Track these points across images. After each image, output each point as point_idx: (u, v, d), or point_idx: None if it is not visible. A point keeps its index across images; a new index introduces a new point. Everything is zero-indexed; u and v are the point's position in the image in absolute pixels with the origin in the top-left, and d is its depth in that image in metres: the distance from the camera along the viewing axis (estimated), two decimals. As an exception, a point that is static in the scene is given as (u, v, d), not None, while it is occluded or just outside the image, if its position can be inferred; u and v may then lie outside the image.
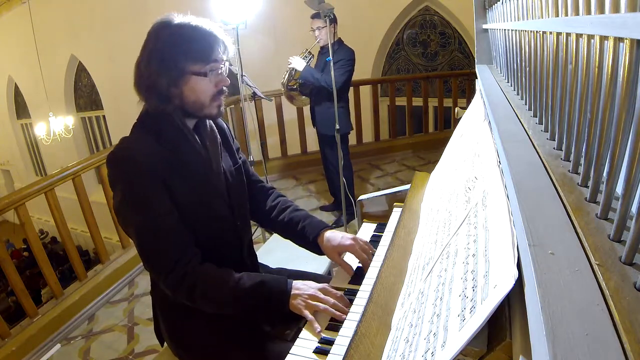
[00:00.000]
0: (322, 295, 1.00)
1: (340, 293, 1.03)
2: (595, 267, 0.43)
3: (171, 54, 0.95)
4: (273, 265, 1.39)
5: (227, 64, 1.03)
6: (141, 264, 1.15)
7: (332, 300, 0.99)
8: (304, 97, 3.12)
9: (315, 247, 1.19)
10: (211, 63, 0.98)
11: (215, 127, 1.13)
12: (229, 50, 1.02)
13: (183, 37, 0.96)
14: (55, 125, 6.58)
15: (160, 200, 0.97)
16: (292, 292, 1.00)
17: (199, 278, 0.99)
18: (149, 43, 0.98)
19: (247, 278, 1.02)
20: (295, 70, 2.91)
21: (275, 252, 1.83)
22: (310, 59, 2.98)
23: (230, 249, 1.15)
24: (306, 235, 1.19)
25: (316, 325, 0.94)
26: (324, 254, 1.19)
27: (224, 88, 1.04)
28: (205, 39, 0.98)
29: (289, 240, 1.26)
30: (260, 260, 1.34)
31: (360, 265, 1.16)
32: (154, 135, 1.00)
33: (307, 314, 0.97)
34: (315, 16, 2.77)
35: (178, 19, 0.99)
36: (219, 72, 1.01)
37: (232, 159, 1.17)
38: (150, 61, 0.96)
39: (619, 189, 0.45)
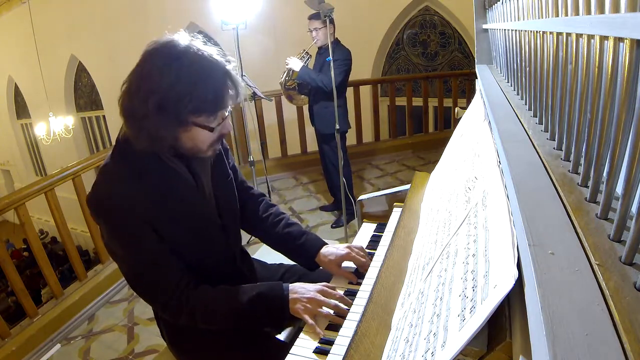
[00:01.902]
0: (321, 298, 0.99)
1: (340, 293, 1.03)
2: (595, 267, 0.43)
3: (175, 103, 0.82)
4: (271, 262, 1.38)
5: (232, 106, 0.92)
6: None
7: (333, 301, 0.99)
8: (302, 96, 3.14)
9: (311, 264, 1.18)
10: (219, 112, 0.88)
11: None
12: (241, 91, 0.91)
13: (191, 85, 0.82)
14: (55, 125, 6.58)
15: (145, 239, 0.92)
16: (290, 297, 0.99)
17: (196, 306, 0.98)
18: (149, 79, 0.82)
19: (243, 292, 1.01)
20: (293, 70, 2.93)
21: (275, 252, 1.83)
22: (308, 59, 2.99)
23: (224, 262, 1.12)
24: (305, 252, 1.18)
25: (318, 330, 0.94)
26: (315, 269, 1.19)
27: (224, 133, 0.94)
28: (219, 85, 0.85)
29: None
30: (260, 259, 1.34)
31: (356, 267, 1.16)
32: (134, 170, 0.90)
33: (307, 318, 0.96)
34: (312, 17, 2.78)
35: (183, 46, 0.84)
36: (225, 119, 0.91)
37: (224, 171, 1.10)
38: (147, 100, 0.81)
39: (619, 189, 0.45)
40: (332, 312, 0.98)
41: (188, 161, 0.98)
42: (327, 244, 1.19)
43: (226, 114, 0.91)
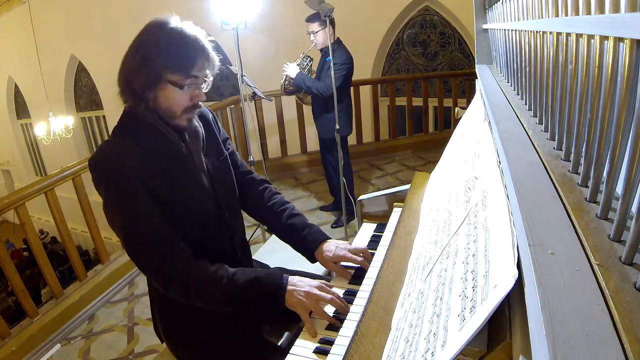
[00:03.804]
0: (318, 292, 0.99)
1: (337, 292, 1.03)
2: (595, 267, 0.43)
3: (155, 55, 0.94)
4: (273, 265, 1.39)
5: (210, 81, 1.02)
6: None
7: (329, 296, 0.99)
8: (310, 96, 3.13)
9: (312, 257, 1.19)
10: (191, 77, 0.97)
11: (196, 121, 1.10)
12: (215, 67, 1.01)
13: (170, 43, 0.95)
14: (55, 125, 6.58)
15: (141, 201, 0.97)
16: (287, 288, 1.00)
17: (191, 276, 0.98)
18: (140, 36, 0.97)
19: (242, 274, 1.01)
20: (290, 77, 2.91)
21: (276, 252, 1.83)
22: (308, 61, 2.97)
23: (221, 242, 1.13)
24: (306, 245, 1.19)
25: (309, 326, 0.94)
26: (315, 262, 1.20)
27: (199, 103, 1.03)
28: (192, 52, 0.96)
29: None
30: (260, 260, 1.34)
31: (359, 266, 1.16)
32: (132, 137, 0.99)
33: (302, 312, 0.97)
34: (309, 20, 2.74)
35: (175, 22, 0.97)
36: (197, 88, 1.00)
37: (218, 150, 1.16)
38: (135, 55, 0.96)
39: (619, 189, 0.45)
40: (331, 312, 0.98)
41: (181, 133, 1.05)
42: (329, 238, 1.20)
43: (200, 83, 1.00)
